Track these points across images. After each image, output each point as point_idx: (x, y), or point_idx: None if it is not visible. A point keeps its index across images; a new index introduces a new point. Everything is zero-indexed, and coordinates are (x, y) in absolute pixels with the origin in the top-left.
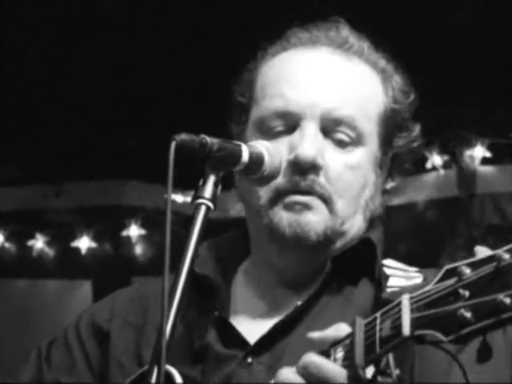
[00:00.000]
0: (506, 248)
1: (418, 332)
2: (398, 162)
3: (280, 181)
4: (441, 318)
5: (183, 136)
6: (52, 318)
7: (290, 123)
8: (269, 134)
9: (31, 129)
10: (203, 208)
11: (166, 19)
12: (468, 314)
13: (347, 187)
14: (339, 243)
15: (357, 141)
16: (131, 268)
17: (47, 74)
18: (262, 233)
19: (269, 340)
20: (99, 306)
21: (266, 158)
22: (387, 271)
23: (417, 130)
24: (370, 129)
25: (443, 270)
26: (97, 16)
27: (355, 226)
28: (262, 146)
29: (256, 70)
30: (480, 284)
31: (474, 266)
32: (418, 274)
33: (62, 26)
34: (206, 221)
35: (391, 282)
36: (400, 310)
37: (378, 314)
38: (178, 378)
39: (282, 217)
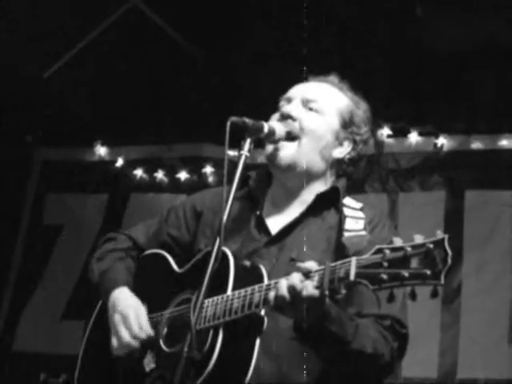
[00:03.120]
0: (410, 243)
1: (358, 279)
2: (356, 169)
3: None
4: (371, 275)
5: (233, 118)
6: None
7: (289, 101)
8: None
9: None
10: (243, 157)
11: None
12: (385, 277)
13: (310, 131)
14: (302, 166)
15: (319, 111)
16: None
17: None
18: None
19: (281, 234)
20: (197, 196)
21: (277, 130)
22: (346, 211)
23: (367, 128)
24: (330, 109)
25: (375, 248)
26: None
27: (316, 158)
28: (274, 123)
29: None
30: (394, 261)
31: (392, 249)
32: (362, 215)
33: None
34: (246, 163)
35: (347, 224)
36: (350, 265)
37: (338, 263)
38: (228, 252)
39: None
